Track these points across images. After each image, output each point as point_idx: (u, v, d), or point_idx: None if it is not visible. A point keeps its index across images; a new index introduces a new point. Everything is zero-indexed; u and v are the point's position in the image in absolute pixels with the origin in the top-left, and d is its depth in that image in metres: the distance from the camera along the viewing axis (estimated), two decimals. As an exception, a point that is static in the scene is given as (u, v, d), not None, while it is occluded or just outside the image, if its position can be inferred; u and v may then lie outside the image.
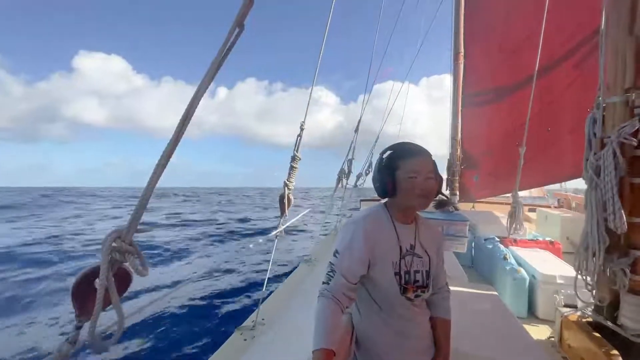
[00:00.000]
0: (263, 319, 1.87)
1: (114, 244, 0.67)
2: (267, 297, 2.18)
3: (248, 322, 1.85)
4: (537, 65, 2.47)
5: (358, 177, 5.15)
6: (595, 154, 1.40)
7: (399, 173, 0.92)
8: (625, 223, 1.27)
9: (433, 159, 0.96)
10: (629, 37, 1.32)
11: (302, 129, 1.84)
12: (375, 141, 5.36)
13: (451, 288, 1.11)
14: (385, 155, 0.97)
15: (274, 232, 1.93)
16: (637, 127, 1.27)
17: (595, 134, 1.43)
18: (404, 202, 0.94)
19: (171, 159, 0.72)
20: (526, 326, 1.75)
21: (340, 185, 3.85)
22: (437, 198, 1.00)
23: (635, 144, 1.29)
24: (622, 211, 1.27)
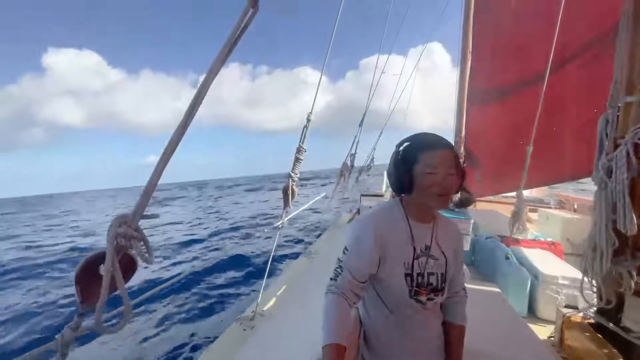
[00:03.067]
0: (263, 310, 1.87)
1: (119, 229, 0.65)
2: (267, 288, 2.19)
3: (248, 313, 1.85)
4: (550, 63, 2.43)
5: (360, 171, 5.13)
6: (607, 154, 1.37)
7: (417, 167, 0.83)
8: (636, 225, 1.26)
9: (455, 151, 0.87)
10: (647, 35, 1.28)
11: (308, 120, 1.81)
12: (379, 136, 5.33)
13: None
14: (402, 148, 0.87)
15: (277, 224, 1.92)
16: (652, 128, 1.25)
17: (607, 135, 1.40)
18: (420, 200, 0.87)
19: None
20: None
21: (343, 180, 3.84)
22: (459, 195, 0.94)
23: (649, 145, 1.27)
24: (633, 213, 1.26)
